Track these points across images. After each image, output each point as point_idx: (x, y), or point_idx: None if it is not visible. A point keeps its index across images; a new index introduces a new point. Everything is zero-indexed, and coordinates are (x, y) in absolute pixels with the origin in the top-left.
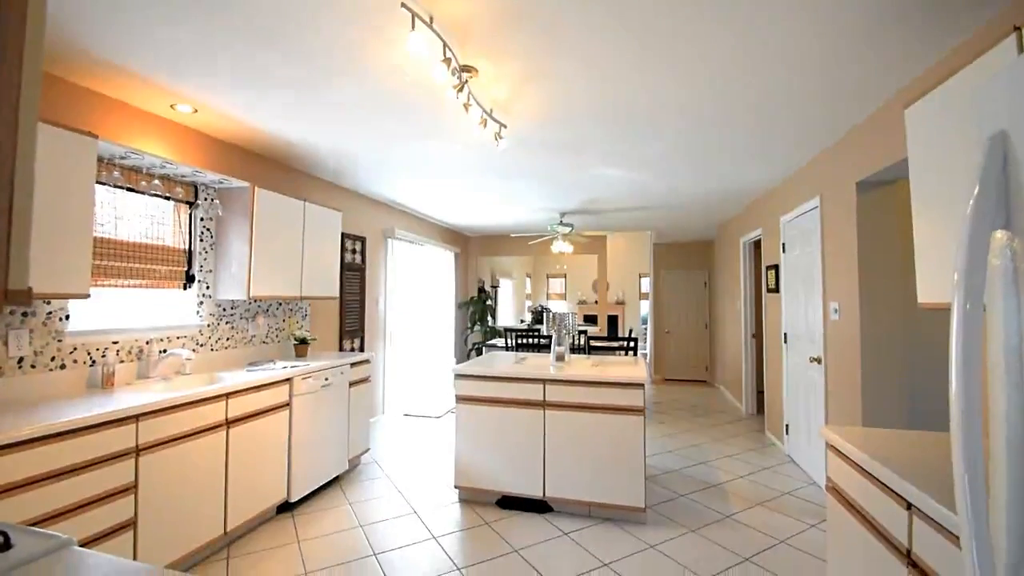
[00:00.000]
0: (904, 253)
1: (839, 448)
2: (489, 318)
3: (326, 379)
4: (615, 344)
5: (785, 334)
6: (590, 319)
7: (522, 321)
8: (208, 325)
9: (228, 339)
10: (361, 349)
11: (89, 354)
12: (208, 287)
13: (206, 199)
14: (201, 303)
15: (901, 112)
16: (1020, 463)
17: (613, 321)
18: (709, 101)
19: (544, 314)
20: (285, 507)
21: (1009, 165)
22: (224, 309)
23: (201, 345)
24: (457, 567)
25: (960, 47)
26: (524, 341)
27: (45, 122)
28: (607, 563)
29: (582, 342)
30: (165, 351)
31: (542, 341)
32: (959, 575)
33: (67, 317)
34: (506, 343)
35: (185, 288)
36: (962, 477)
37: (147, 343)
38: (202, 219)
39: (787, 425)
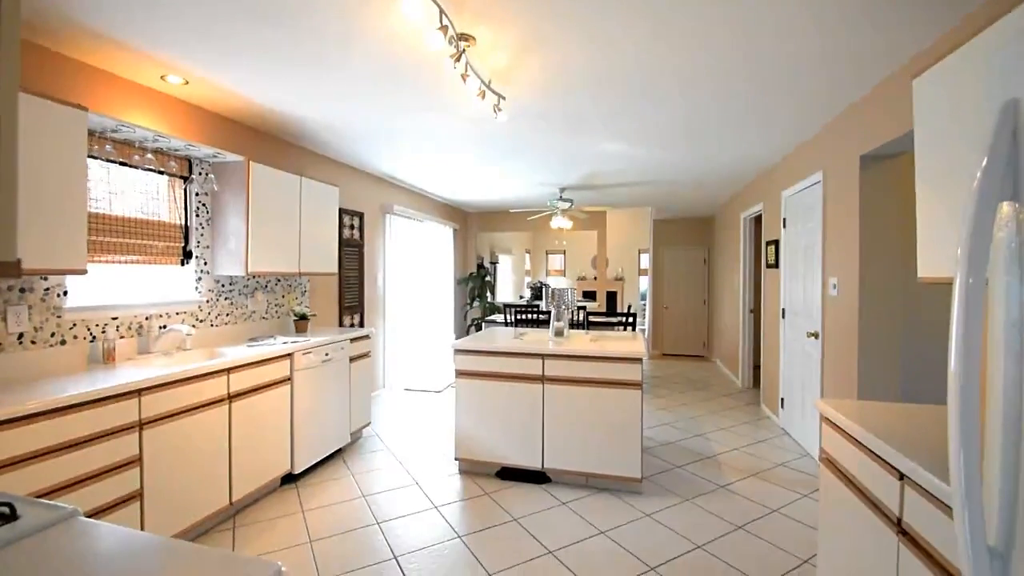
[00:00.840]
0: (905, 230)
1: (834, 420)
2: (488, 294)
3: (326, 354)
4: (614, 320)
5: (783, 309)
6: (589, 295)
7: (521, 297)
8: (207, 301)
9: (228, 315)
10: (361, 325)
11: (89, 330)
12: (206, 263)
13: (201, 173)
14: (199, 279)
15: (908, 84)
16: (1015, 436)
17: (612, 297)
18: (707, 79)
19: (543, 290)
20: (289, 478)
21: (1020, 134)
22: (223, 285)
23: (201, 321)
24: (458, 535)
25: (971, 16)
26: (523, 317)
27: (33, 94)
28: (604, 531)
29: (581, 318)
30: (165, 327)
31: (541, 317)
32: (949, 543)
33: (65, 293)
34: (505, 319)
35: (183, 264)
36: (958, 449)
37: (147, 319)
38: (197, 194)
39: (782, 399)
